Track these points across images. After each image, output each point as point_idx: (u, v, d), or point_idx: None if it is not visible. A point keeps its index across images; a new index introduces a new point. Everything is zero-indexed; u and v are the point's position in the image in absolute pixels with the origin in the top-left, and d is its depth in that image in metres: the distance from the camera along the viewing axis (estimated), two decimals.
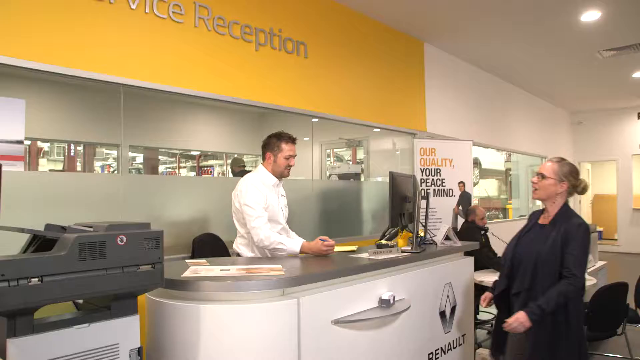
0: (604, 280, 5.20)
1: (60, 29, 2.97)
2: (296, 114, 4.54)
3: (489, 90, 7.86)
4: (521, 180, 10.24)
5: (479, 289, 4.12)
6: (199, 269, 2.30)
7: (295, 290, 2.19)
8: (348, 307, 2.35)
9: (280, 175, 2.99)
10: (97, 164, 6.48)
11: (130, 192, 3.29)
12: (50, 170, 5.74)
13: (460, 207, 5.80)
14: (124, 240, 1.74)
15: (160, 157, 8.17)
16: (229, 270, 2.26)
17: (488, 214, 9.51)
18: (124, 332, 1.79)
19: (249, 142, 7.04)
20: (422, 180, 5.70)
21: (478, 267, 4.46)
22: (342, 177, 5.68)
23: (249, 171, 7.15)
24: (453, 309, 3.17)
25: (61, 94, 3.95)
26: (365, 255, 2.77)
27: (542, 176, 2.50)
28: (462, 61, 7.07)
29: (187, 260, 2.53)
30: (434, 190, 5.73)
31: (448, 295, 3.12)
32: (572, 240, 2.35)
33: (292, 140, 2.99)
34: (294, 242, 2.77)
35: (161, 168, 8.52)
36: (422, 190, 3.29)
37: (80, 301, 1.94)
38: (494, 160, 9.97)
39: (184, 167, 8.30)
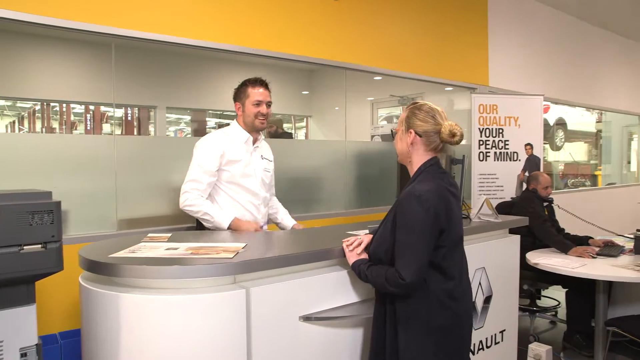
0: None
1: None
2: (332, 66, 4.00)
3: (570, 35, 6.64)
4: (614, 143, 8.88)
5: (531, 269, 3.43)
6: (145, 246, 1.91)
7: (249, 278, 1.74)
8: (326, 299, 1.86)
9: (253, 127, 2.52)
10: (171, 129, 6.40)
11: (124, 154, 2.99)
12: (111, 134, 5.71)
13: (527, 174, 4.98)
14: None
15: (229, 120, 8.07)
16: (176, 249, 1.85)
17: (573, 180, 8.41)
18: (11, 326, 1.45)
19: (297, 102, 6.67)
20: (481, 142, 4.94)
21: (539, 245, 3.76)
22: (386, 138, 5.06)
23: (288, 133, 6.76)
24: (487, 300, 2.56)
25: (45, 48, 3.66)
26: (364, 232, 2.24)
27: (394, 134, 1.85)
28: (535, 1, 6.00)
29: (149, 234, 2.16)
30: (495, 153, 4.94)
31: (480, 283, 2.51)
32: (400, 220, 1.65)
33: (260, 83, 2.51)
34: (223, 216, 2.35)
35: None
36: (447, 155, 2.65)
37: None
38: (582, 120, 8.72)
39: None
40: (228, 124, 2.63)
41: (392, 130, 1.87)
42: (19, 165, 2.67)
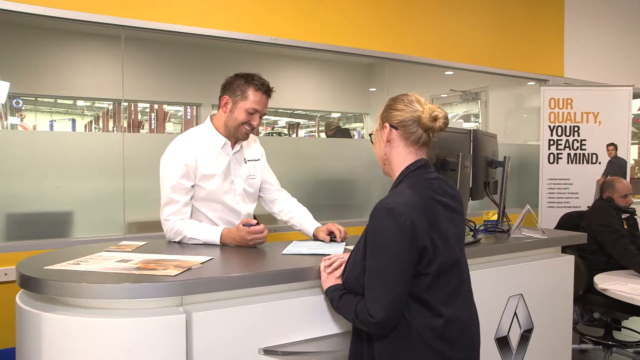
0: None
1: None
2: (376, 58, 3.69)
3: None
4: None
5: (604, 295, 2.83)
6: (100, 256, 1.71)
7: (196, 301, 1.46)
8: (297, 329, 1.53)
9: (234, 135, 2.03)
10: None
11: (131, 152, 2.87)
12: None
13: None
14: None
15: (300, 120, 7.96)
16: (127, 262, 1.61)
17: None
18: None
19: (355, 99, 6.40)
20: (552, 142, 4.31)
21: (615, 265, 3.12)
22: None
23: (346, 130, 6.42)
24: (527, 333, 2.07)
25: (51, 41, 3.59)
26: None
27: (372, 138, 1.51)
28: None
29: (121, 242, 1.96)
30: (569, 155, 4.29)
31: (516, 314, 2.03)
32: (369, 240, 1.29)
33: (265, 90, 1.99)
34: (211, 232, 1.94)
35: (301, 132, 8.27)
36: (484, 156, 2.20)
37: None
38: None
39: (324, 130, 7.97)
40: (299, 124, 2.28)
41: (370, 135, 1.51)
42: (24, 162, 2.62)
